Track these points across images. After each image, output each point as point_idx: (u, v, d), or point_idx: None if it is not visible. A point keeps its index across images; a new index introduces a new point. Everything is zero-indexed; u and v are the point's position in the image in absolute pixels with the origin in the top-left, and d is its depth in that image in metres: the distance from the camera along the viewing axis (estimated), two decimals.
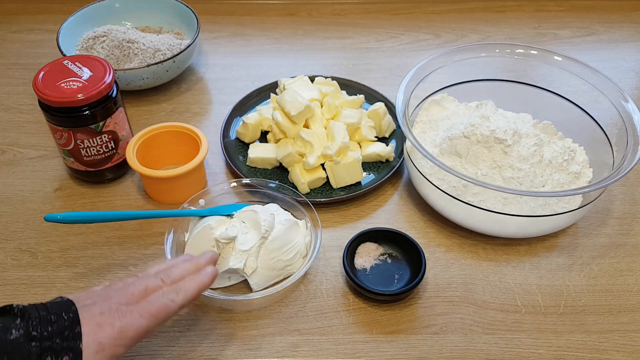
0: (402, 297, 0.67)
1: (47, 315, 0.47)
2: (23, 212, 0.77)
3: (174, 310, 0.53)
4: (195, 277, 0.56)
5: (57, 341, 0.46)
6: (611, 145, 0.74)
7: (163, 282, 0.54)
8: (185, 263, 0.57)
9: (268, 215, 0.66)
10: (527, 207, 0.68)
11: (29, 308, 0.47)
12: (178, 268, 0.56)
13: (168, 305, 0.52)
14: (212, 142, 0.84)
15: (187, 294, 0.54)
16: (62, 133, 0.74)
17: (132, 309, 0.50)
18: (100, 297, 0.51)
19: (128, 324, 0.49)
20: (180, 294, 0.53)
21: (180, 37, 1.01)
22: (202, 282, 0.55)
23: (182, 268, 0.56)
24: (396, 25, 1.12)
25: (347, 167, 0.76)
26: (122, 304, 0.50)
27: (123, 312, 0.50)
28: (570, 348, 0.63)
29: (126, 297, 0.51)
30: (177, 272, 0.56)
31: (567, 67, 0.81)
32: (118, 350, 0.48)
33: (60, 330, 0.46)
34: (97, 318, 0.48)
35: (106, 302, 0.50)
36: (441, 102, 0.83)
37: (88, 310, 0.48)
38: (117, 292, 0.52)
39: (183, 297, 0.53)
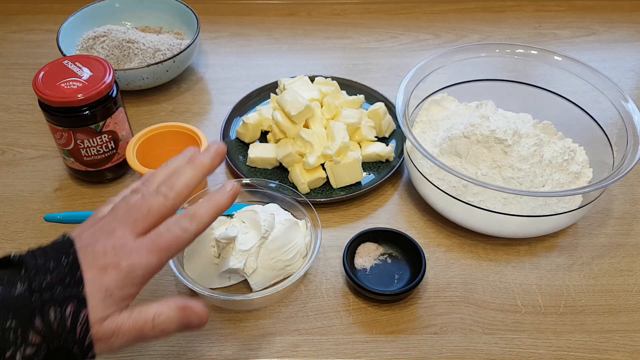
0: (402, 297, 0.67)
1: (46, 263, 0.42)
2: (23, 212, 0.77)
3: (187, 240, 0.47)
4: (213, 196, 0.49)
5: (58, 290, 0.41)
6: (611, 145, 0.74)
7: (166, 198, 0.47)
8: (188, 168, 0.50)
9: (268, 215, 0.66)
10: (527, 207, 0.68)
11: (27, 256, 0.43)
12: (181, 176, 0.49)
13: (180, 236, 0.46)
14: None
15: (201, 220, 0.47)
16: (62, 133, 0.74)
17: (139, 245, 0.45)
18: (103, 232, 0.45)
19: (135, 263, 0.44)
20: (194, 221, 0.47)
21: (180, 37, 1.01)
22: (219, 204, 0.49)
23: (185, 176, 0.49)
24: (396, 25, 1.12)
25: (347, 167, 0.76)
26: (128, 237, 0.45)
27: (129, 250, 0.44)
28: (570, 348, 0.63)
29: (130, 226, 0.45)
30: (181, 182, 0.48)
31: (567, 67, 0.81)
32: (129, 291, 0.44)
33: (61, 278, 0.42)
34: (101, 260, 0.43)
35: (109, 238, 0.45)
36: (441, 102, 0.83)
37: (90, 253, 0.44)
38: (120, 222, 0.46)
39: (197, 225, 0.47)
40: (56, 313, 0.41)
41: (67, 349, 0.41)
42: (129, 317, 0.44)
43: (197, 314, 0.47)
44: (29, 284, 0.41)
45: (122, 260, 0.43)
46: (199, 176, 0.50)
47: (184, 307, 0.46)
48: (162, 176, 0.50)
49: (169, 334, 0.45)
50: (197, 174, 0.50)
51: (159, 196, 0.47)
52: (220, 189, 0.50)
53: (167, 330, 0.45)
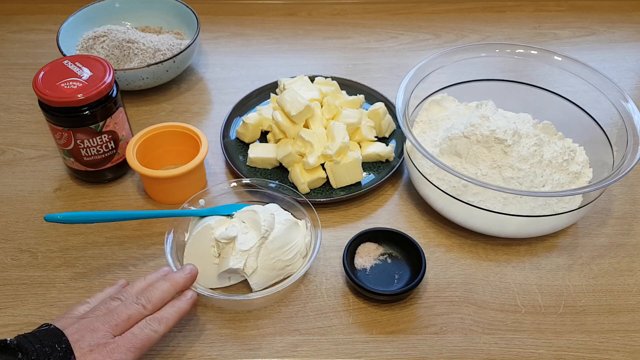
0: (402, 297, 0.67)
1: (42, 348, 0.50)
2: (23, 212, 0.77)
3: (156, 340, 0.56)
4: (175, 303, 0.59)
5: None
6: (611, 145, 0.74)
7: (144, 309, 0.56)
8: (163, 283, 0.59)
9: (268, 215, 0.66)
10: (527, 207, 0.68)
11: (23, 342, 0.50)
12: (157, 290, 0.58)
13: (151, 336, 0.55)
14: (212, 142, 0.84)
15: (168, 322, 0.57)
16: (62, 133, 0.74)
17: (119, 344, 0.53)
18: (87, 329, 0.53)
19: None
20: (162, 324, 0.56)
21: (180, 37, 1.01)
22: (181, 310, 0.58)
23: (161, 290, 0.58)
24: (396, 25, 1.12)
25: (347, 167, 0.76)
26: (109, 337, 0.53)
27: (111, 349, 0.52)
28: (570, 348, 0.63)
29: (111, 328, 0.54)
30: (157, 295, 0.58)
31: (567, 67, 0.81)
32: None
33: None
34: (88, 356, 0.51)
35: (93, 335, 0.53)
36: (441, 102, 0.83)
37: (78, 348, 0.51)
38: (102, 322, 0.54)
39: (165, 327, 0.56)
40: None
41: None
42: None
43: None
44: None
45: (106, 358, 0.52)
46: (172, 292, 0.59)
47: None
48: (139, 288, 0.59)
49: None
50: (171, 290, 0.59)
51: (138, 306, 0.56)
52: (182, 297, 0.60)
53: None
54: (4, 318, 0.65)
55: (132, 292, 0.59)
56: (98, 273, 0.70)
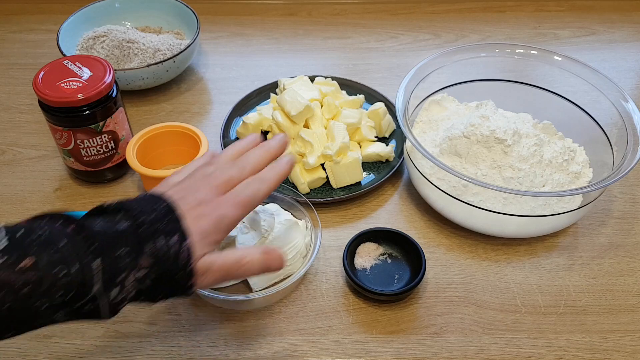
0: (402, 297, 0.67)
1: (144, 207, 0.47)
2: (23, 212, 0.77)
3: (260, 199, 0.53)
4: (275, 166, 0.55)
5: (161, 225, 0.46)
6: (611, 145, 0.74)
7: (243, 170, 0.53)
8: (257, 150, 0.56)
9: (268, 215, 0.66)
10: (527, 207, 0.68)
11: (123, 203, 0.47)
12: (252, 156, 0.55)
13: (255, 195, 0.52)
14: (212, 142, 0.84)
15: (270, 182, 0.53)
16: (62, 133, 0.74)
17: (225, 199, 0.50)
18: (189, 190, 0.51)
19: (223, 214, 0.49)
20: (265, 183, 0.53)
21: (180, 37, 1.01)
22: (281, 171, 0.55)
23: (256, 155, 0.55)
24: (396, 25, 1.12)
25: (347, 167, 0.76)
26: (212, 195, 0.50)
27: (217, 203, 0.50)
28: (570, 348, 0.63)
29: (213, 188, 0.51)
30: (253, 160, 0.55)
31: (567, 67, 0.81)
32: (218, 237, 0.49)
33: (161, 217, 0.46)
34: (193, 211, 0.48)
35: (196, 194, 0.50)
36: (441, 102, 0.83)
37: (182, 204, 0.48)
38: (203, 184, 0.51)
39: (267, 186, 0.53)
40: (163, 242, 0.45)
41: (172, 276, 0.46)
42: (220, 256, 0.49)
43: (278, 257, 0.52)
44: (133, 221, 0.45)
45: (212, 211, 0.49)
46: (266, 157, 0.55)
47: (266, 251, 0.51)
48: (231, 154, 0.56)
49: (252, 274, 0.52)
50: (265, 155, 0.56)
51: (236, 168, 0.53)
52: (279, 159, 0.56)
53: (251, 270, 0.51)
54: None
55: (226, 158, 0.55)
56: None
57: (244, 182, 0.53)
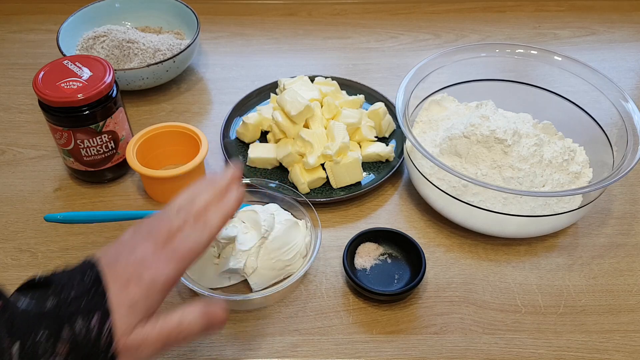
0: (402, 297, 0.67)
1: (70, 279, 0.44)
2: (23, 212, 0.77)
3: (202, 249, 0.50)
4: (219, 207, 0.52)
5: (83, 302, 0.43)
6: (611, 145, 0.74)
7: (186, 221, 0.50)
8: (207, 191, 0.52)
9: (268, 215, 0.66)
10: (527, 207, 0.68)
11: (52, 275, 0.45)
12: (201, 199, 0.52)
13: (195, 246, 0.49)
14: (212, 142, 0.84)
15: (213, 228, 0.50)
16: (62, 133, 0.74)
17: (158, 256, 0.47)
18: (125, 249, 0.48)
19: (156, 275, 0.46)
20: (207, 230, 0.50)
21: (180, 37, 1.01)
22: (226, 213, 0.52)
23: (204, 199, 0.52)
24: (396, 25, 1.12)
25: (347, 167, 0.76)
26: (147, 252, 0.47)
27: (149, 262, 0.46)
28: (570, 348, 0.63)
29: (151, 244, 0.48)
30: (200, 205, 0.51)
31: (567, 67, 0.81)
32: (152, 302, 0.46)
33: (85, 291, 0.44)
34: (123, 275, 0.45)
35: (131, 254, 0.47)
36: (441, 102, 0.83)
37: (112, 269, 0.46)
38: (141, 238, 0.49)
39: (209, 233, 0.50)
40: (82, 324, 0.42)
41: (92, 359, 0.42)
42: (154, 327, 0.45)
43: (219, 315, 0.49)
44: (57, 299, 0.43)
45: (143, 273, 0.45)
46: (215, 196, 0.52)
47: (206, 312, 0.48)
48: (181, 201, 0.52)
49: (193, 339, 0.48)
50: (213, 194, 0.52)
51: (179, 219, 0.50)
52: (224, 198, 0.52)
53: (192, 334, 0.47)
54: None
55: (174, 206, 0.52)
56: None
57: (186, 232, 0.49)
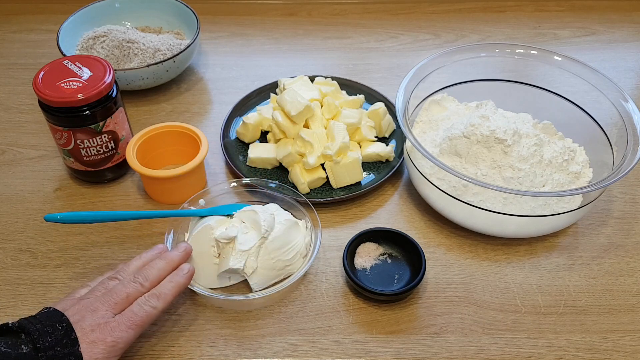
0: (402, 297, 0.67)
1: (43, 328, 0.51)
2: (23, 212, 0.77)
3: (156, 315, 0.57)
4: (173, 278, 0.59)
5: (58, 349, 0.50)
6: (611, 145, 0.74)
7: (142, 286, 0.58)
8: (159, 262, 0.60)
9: (268, 215, 0.66)
10: (527, 207, 0.68)
11: (25, 323, 0.51)
12: (154, 269, 0.59)
13: (150, 313, 0.56)
14: (212, 142, 0.84)
15: (166, 298, 0.58)
16: (62, 133, 0.74)
17: (120, 322, 0.54)
18: (87, 310, 0.54)
19: (117, 338, 0.53)
20: (161, 300, 0.57)
21: (180, 37, 1.01)
22: (179, 285, 0.59)
23: (157, 268, 0.60)
24: (396, 25, 1.12)
25: (347, 167, 0.76)
26: (109, 316, 0.54)
27: (112, 327, 0.54)
28: (570, 348, 0.63)
29: (110, 307, 0.55)
30: (154, 273, 0.59)
31: (567, 67, 0.81)
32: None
33: (59, 339, 0.50)
34: (90, 335, 0.52)
35: (94, 315, 0.54)
36: (441, 102, 0.83)
37: (79, 328, 0.52)
38: (102, 302, 0.55)
39: (163, 303, 0.57)
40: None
41: None
42: None
43: None
44: (33, 345, 0.49)
45: (107, 336, 0.53)
46: (168, 269, 0.60)
47: None
48: (136, 267, 0.60)
49: None
50: (167, 267, 0.60)
51: (136, 284, 0.58)
52: (178, 271, 0.60)
53: None
54: (4, 318, 0.65)
55: (129, 271, 0.60)
56: (98, 273, 0.69)
57: (141, 300, 0.57)
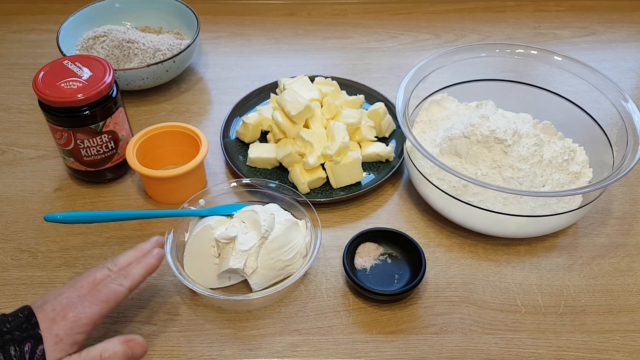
0: (402, 297, 0.67)
1: (5, 318, 0.51)
2: (23, 212, 0.77)
3: (123, 293, 0.56)
4: (142, 260, 0.59)
5: (16, 333, 0.49)
6: (611, 145, 0.74)
7: (110, 271, 0.57)
8: (130, 251, 0.61)
9: (268, 215, 0.66)
10: (527, 207, 0.68)
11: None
12: (124, 256, 0.60)
13: (117, 290, 0.55)
14: (212, 142, 0.84)
15: (134, 277, 0.57)
16: (62, 133, 0.74)
17: (83, 299, 0.53)
18: (52, 296, 0.54)
19: (80, 313, 0.52)
20: (128, 278, 0.56)
21: (180, 37, 1.01)
22: (148, 264, 0.59)
23: (128, 255, 0.60)
24: (396, 25, 1.12)
25: (347, 167, 0.76)
26: (73, 297, 0.54)
27: (74, 304, 0.52)
28: (570, 348, 0.63)
29: (76, 290, 0.55)
30: (124, 259, 0.59)
31: (567, 67, 0.81)
32: (77, 338, 0.51)
33: (18, 325, 0.50)
34: (50, 314, 0.51)
35: (57, 298, 0.53)
36: (441, 102, 0.83)
37: (41, 310, 0.52)
38: (68, 288, 0.55)
39: (131, 281, 0.56)
40: (16, 350, 0.49)
41: None
42: (80, 356, 0.51)
43: (139, 343, 0.54)
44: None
45: (68, 312, 0.52)
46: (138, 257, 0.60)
47: (126, 340, 0.54)
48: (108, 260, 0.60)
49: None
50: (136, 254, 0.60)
51: (104, 269, 0.58)
52: (149, 254, 0.60)
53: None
54: None
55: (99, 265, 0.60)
56: None
57: (108, 280, 0.56)
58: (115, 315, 0.64)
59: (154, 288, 0.68)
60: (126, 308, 0.65)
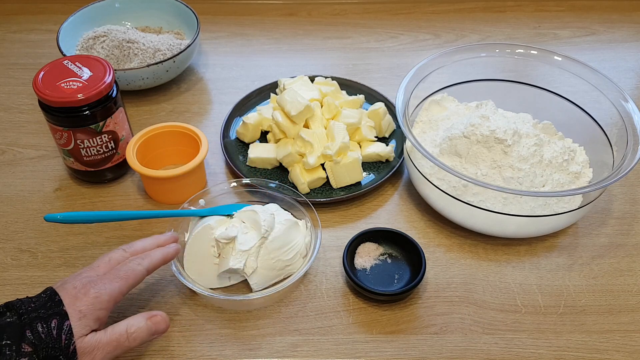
0: (402, 297, 0.67)
1: (28, 298, 0.52)
2: (23, 212, 0.77)
3: (142, 272, 0.58)
4: (161, 248, 0.61)
5: (42, 311, 0.51)
6: (611, 145, 0.75)
7: (125, 252, 0.60)
8: (147, 238, 0.63)
9: (268, 215, 0.66)
10: (527, 207, 0.68)
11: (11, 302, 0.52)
12: (141, 242, 0.62)
13: (135, 269, 0.57)
14: (212, 142, 0.84)
15: (152, 260, 0.59)
16: (62, 133, 0.74)
17: (102, 277, 0.56)
18: (71, 277, 0.56)
19: (100, 289, 0.54)
20: (146, 260, 0.59)
21: (180, 37, 1.01)
22: (167, 253, 0.61)
23: (144, 241, 0.62)
24: (396, 25, 1.12)
25: (347, 167, 0.76)
26: (92, 276, 0.56)
27: (94, 282, 0.55)
28: (570, 348, 0.63)
29: (94, 270, 0.57)
30: (140, 245, 0.61)
31: (567, 67, 0.81)
32: (99, 314, 0.53)
33: (43, 304, 0.51)
34: (72, 292, 0.53)
35: (76, 278, 0.55)
36: (441, 102, 0.83)
37: (63, 288, 0.54)
38: (86, 269, 0.57)
39: (149, 262, 0.58)
40: (43, 326, 0.50)
41: (56, 357, 0.49)
42: (106, 333, 0.53)
43: (163, 319, 0.57)
44: (17, 313, 0.50)
45: (90, 289, 0.54)
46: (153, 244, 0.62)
47: (150, 316, 0.57)
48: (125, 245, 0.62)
49: (142, 341, 0.55)
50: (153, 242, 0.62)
51: (119, 250, 0.60)
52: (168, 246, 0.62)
53: (140, 337, 0.55)
54: None
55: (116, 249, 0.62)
56: None
57: (127, 261, 0.58)
58: (116, 315, 0.64)
59: (154, 288, 0.68)
60: (126, 308, 0.66)
